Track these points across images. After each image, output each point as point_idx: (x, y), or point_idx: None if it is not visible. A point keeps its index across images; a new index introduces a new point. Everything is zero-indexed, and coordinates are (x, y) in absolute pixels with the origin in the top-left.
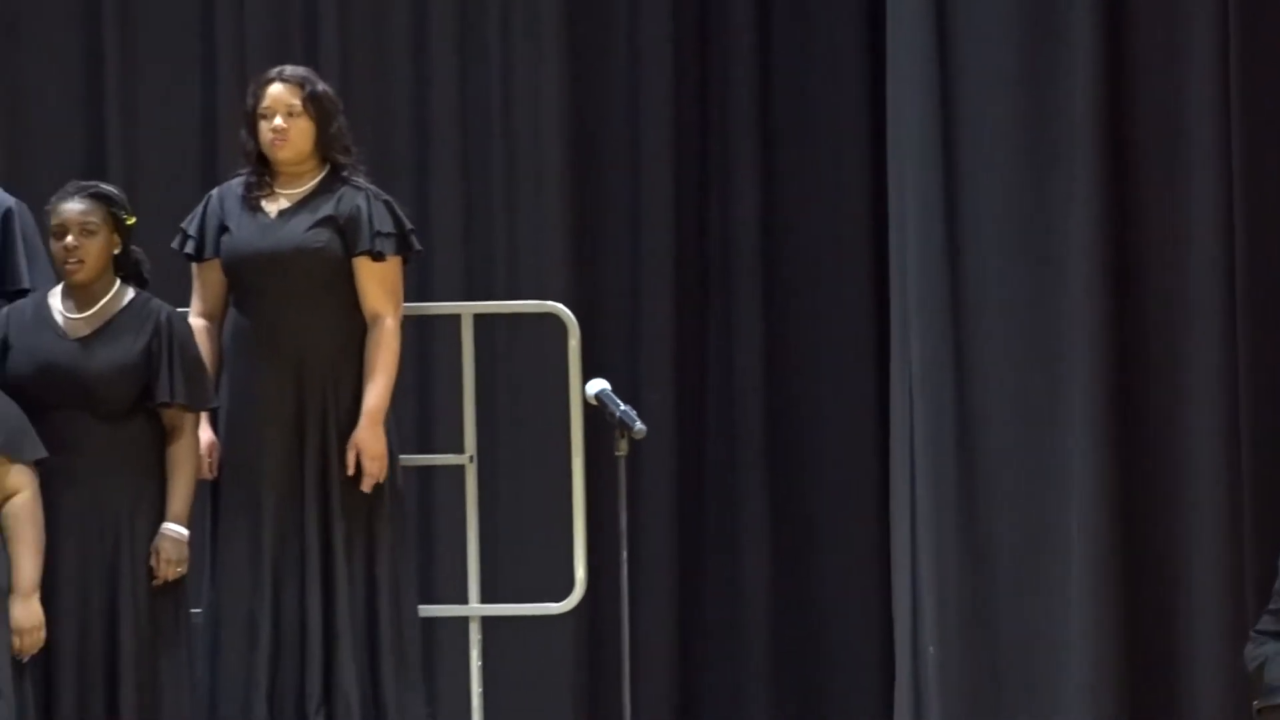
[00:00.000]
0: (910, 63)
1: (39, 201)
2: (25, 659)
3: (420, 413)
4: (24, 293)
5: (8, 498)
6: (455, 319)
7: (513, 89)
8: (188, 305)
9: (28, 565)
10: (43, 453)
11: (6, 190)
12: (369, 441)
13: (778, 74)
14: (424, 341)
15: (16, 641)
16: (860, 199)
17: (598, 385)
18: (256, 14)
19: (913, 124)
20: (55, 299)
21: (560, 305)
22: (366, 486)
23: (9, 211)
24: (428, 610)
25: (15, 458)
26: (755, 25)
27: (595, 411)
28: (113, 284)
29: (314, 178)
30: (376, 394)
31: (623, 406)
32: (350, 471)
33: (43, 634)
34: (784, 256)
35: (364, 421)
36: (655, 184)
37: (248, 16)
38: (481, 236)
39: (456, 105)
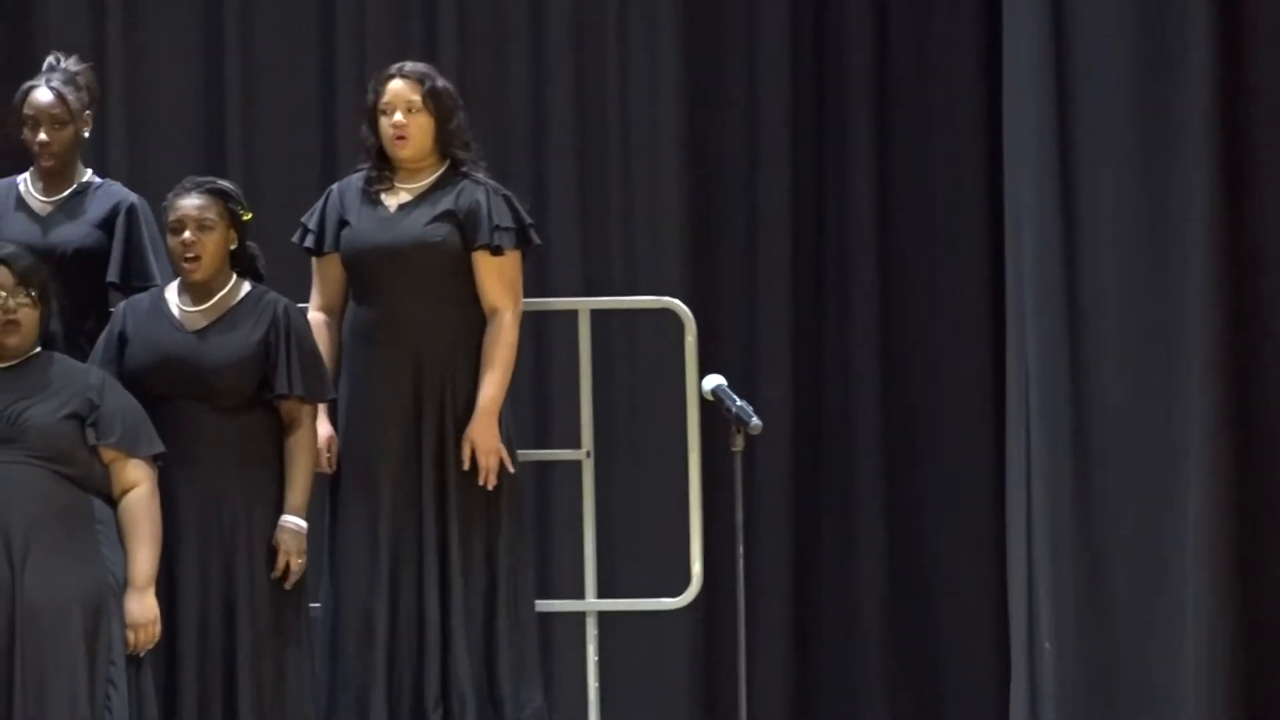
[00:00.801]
0: (1026, 58)
1: (160, 198)
2: (141, 654)
3: (538, 408)
4: (149, 288)
5: (125, 492)
6: (573, 314)
7: (629, 85)
8: (302, 302)
9: (144, 560)
10: (160, 447)
11: (128, 187)
12: (482, 436)
13: (894, 69)
14: (541, 337)
15: (131, 636)
16: (976, 195)
17: (714, 381)
18: (375, 10)
19: (1029, 119)
20: (172, 293)
21: (677, 301)
22: (483, 480)
23: (132, 208)
24: (545, 605)
25: (132, 452)
26: (872, 20)
27: (711, 407)
28: (229, 279)
29: (434, 172)
30: (492, 388)
31: (739, 402)
32: (466, 466)
33: (158, 629)
34: (900, 252)
35: (477, 415)
36: (772, 180)
37: (367, 13)
38: (599, 232)
39: (573, 101)
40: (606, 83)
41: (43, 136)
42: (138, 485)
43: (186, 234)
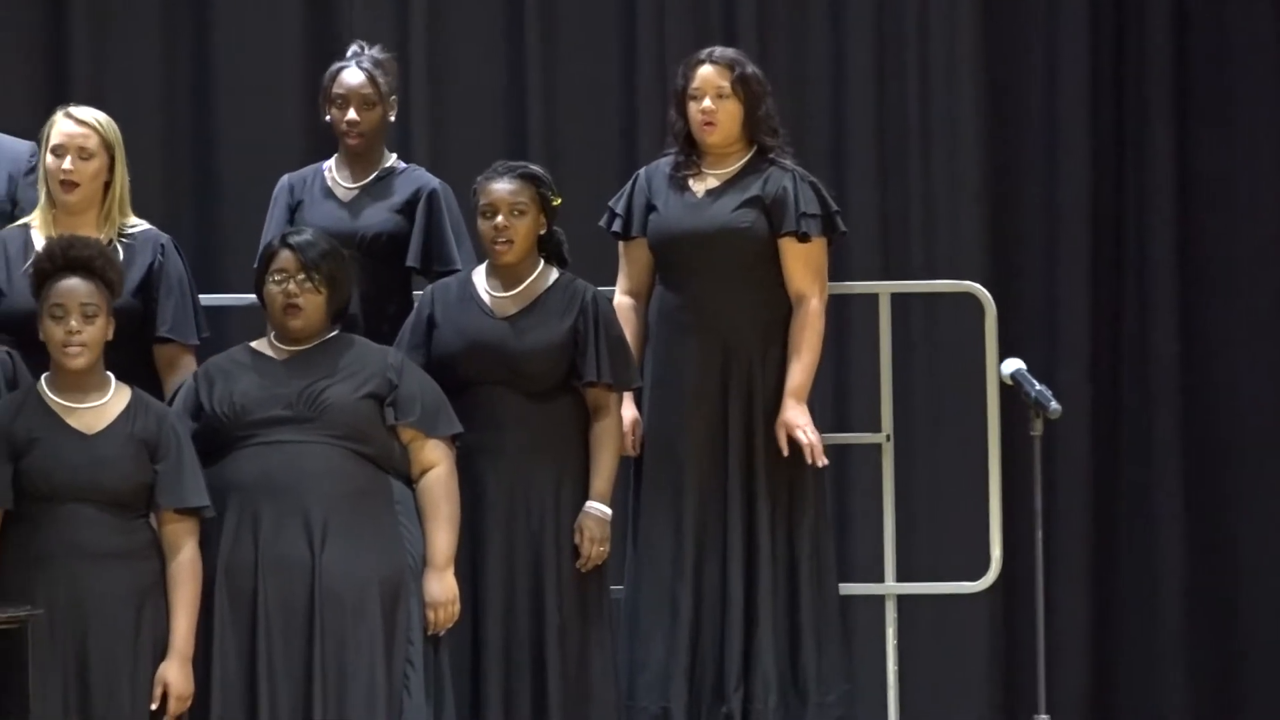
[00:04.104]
0: None
1: (461, 183)
2: (441, 633)
3: (838, 392)
4: (450, 273)
5: (424, 472)
6: (872, 298)
7: (929, 70)
8: (602, 286)
9: (443, 540)
10: (458, 428)
11: (430, 172)
12: (795, 419)
13: (1194, 52)
14: (841, 321)
15: (431, 616)
16: (1277, 179)
17: (1013, 365)
18: None
19: None
20: (480, 278)
21: (977, 285)
22: (811, 458)
23: (434, 193)
24: (845, 588)
25: (431, 432)
26: (1171, 2)
27: (1011, 391)
28: (537, 264)
29: (741, 158)
30: (800, 373)
31: (1038, 386)
32: (785, 452)
33: (457, 608)
34: (1199, 236)
35: (789, 401)
36: (1071, 164)
37: None
38: (899, 216)
39: (873, 86)
40: (906, 68)
41: (352, 115)
42: (436, 465)
43: (499, 218)
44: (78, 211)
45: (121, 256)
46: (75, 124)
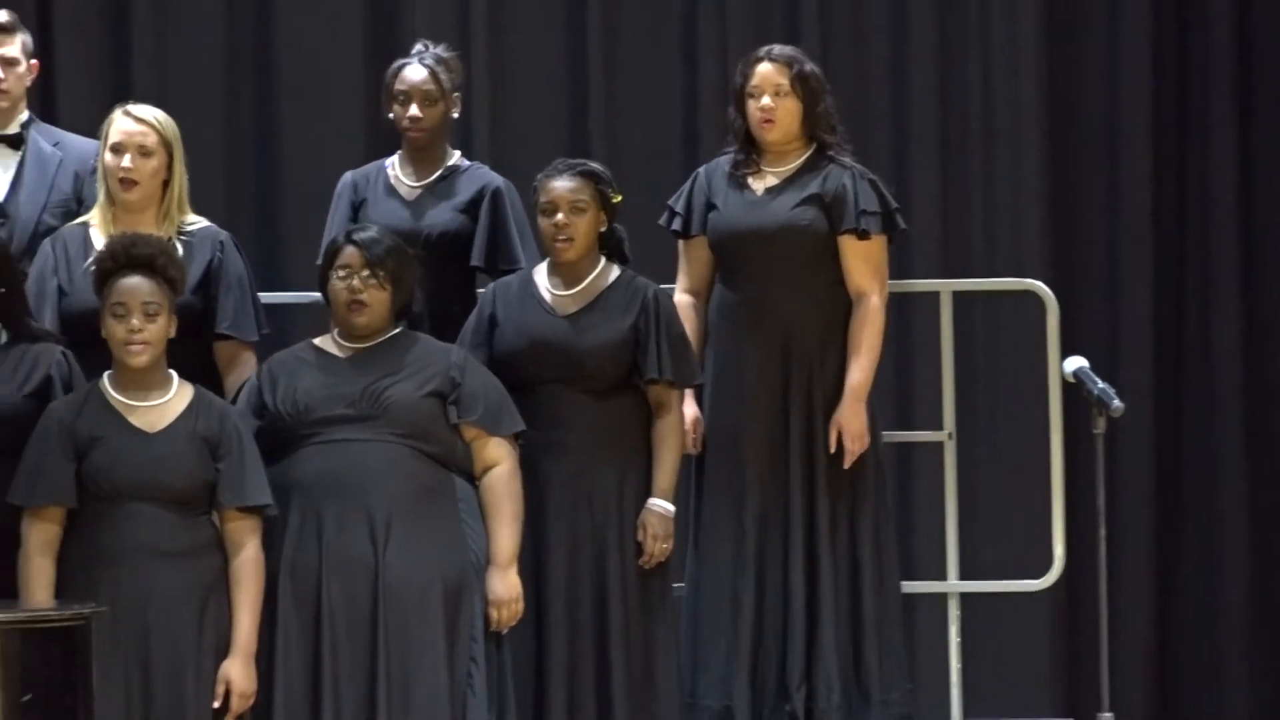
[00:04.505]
0: None
1: (523, 182)
2: (504, 631)
3: (899, 390)
4: (515, 271)
5: (486, 470)
6: (934, 296)
7: (991, 67)
8: (665, 284)
9: (506, 538)
10: (521, 426)
11: (494, 169)
12: (851, 420)
13: (1257, 48)
14: (903, 319)
15: (494, 614)
16: None
17: (1076, 363)
18: None
19: None
20: (541, 276)
21: (1039, 283)
22: (847, 463)
23: (498, 191)
24: (907, 586)
25: (494, 430)
26: (1233, 2)
27: (1073, 389)
28: (598, 261)
29: (800, 156)
30: (860, 372)
31: (1100, 384)
32: (833, 450)
33: (521, 606)
34: (1262, 234)
35: (847, 399)
36: (1133, 161)
37: None
38: (960, 214)
39: (935, 84)
40: (968, 66)
41: (414, 111)
42: (499, 463)
43: (559, 216)
44: (137, 209)
45: (181, 254)
46: (134, 122)
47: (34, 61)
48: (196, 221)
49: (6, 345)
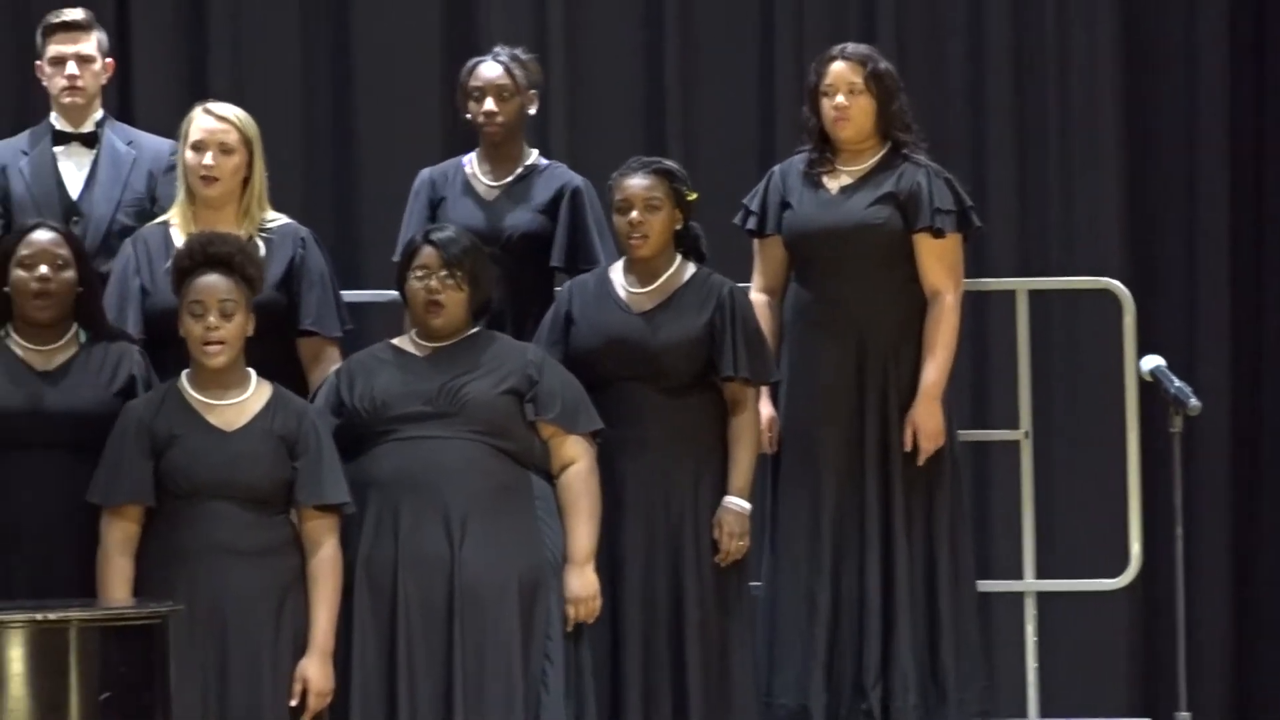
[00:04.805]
0: None
1: (601, 180)
2: (582, 628)
3: (976, 388)
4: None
5: (564, 468)
6: (1010, 295)
7: (1068, 67)
8: (739, 282)
9: (584, 535)
10: (598, 424)
11: (571, 169)
12: (925, 419)
13: None
14: (979, 317)
15: (571, 611)
16: None
17: (1152, 361)
18: None
19: None
20: (617, 274)
21: (1115, 281)
22: (921, 461)
23: (576, 191)
24: (983, 585)
25: (571, 428)
26: None
27: (1150, 388)
28: (674, 259)
29: (875, 154)
30: (935, 370)
31: (1177, 383)
32: (908, 448)
33: (598, 604)
34: None
35: (921, 398)
36: (1211, 159)
37: None
38: (1037, 213)
39: (1010, 81)
40: (1045, 65)
41: (489, 106)
42: (576, 461)
43: (634, 214)
44: (217, 207)
45: (262, 251)
46: (214, 119)
47: (109, 60)
48: (277, 218)
49: (87, 344)
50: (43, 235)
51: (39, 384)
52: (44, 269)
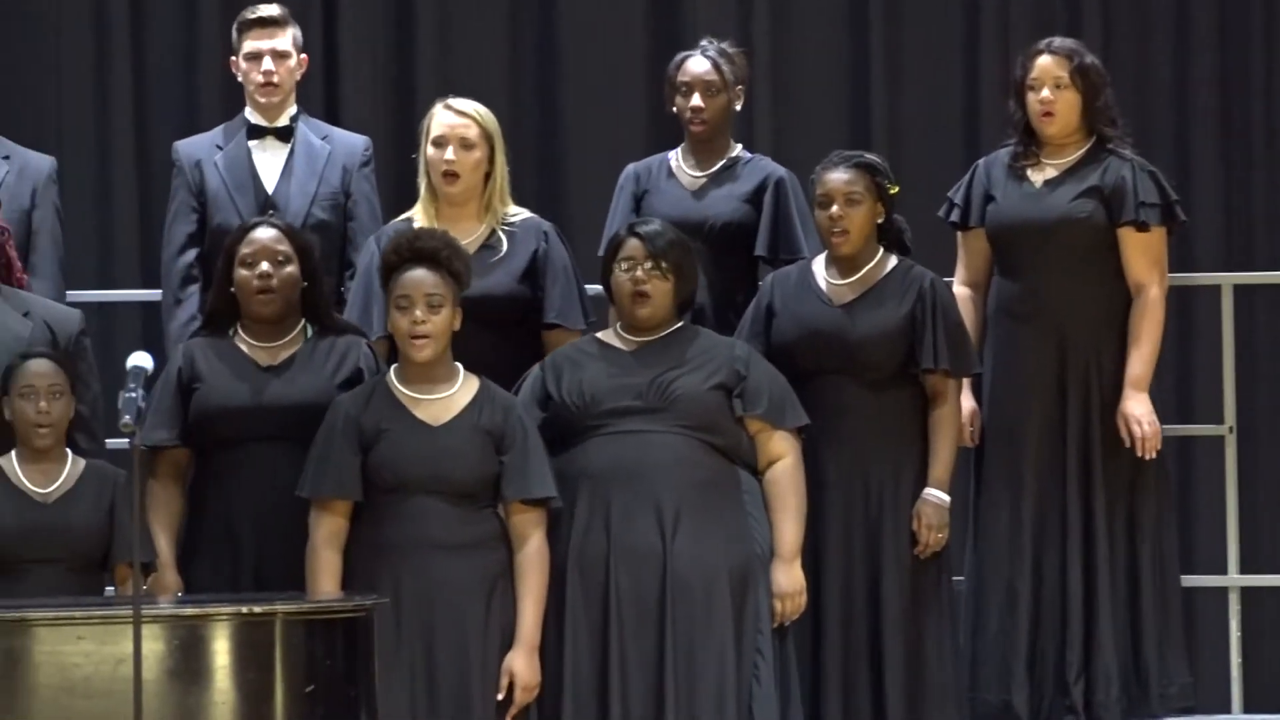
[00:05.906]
0: None
1: (806, 175)
2: (788, 623)
3: (1180, 383)
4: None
5: (771, 463)
6: (1215, 289)
7: (1274, 57)
8: (946, 275)
9: (791, 531)
10: (804, 420)
11: (776, 161)
12: (1137, 410)
13: None
14: (1184, 312)
15: (779, 606)
16: None
17: None
18: None
19: None
20: (819, 266)
21: None
22: (1142, 451)
23: (781, 181)
24: (1187, 580)
25: (778, 424)
26: None
27: None
28: (876, 252)
29: (1080, 148)
30: (1140, 364)
31: None
32: (1127, 444)
33: (804, 599)
34: None
35: (1129, 391)
36: None
37: None
38: (1242, 207)
39: (1216, 75)
40: (1251, 57)
41: (696, 101)
42: (784, 456)
43: (834, 208)
44: (459, 203)
45: (505, 245)
46: (455, 115)
47: (304, 55)
48: (519, 212)
49: (314, 338)
50: (263, 233)
51: (263, 379)
52: (265, 265)
